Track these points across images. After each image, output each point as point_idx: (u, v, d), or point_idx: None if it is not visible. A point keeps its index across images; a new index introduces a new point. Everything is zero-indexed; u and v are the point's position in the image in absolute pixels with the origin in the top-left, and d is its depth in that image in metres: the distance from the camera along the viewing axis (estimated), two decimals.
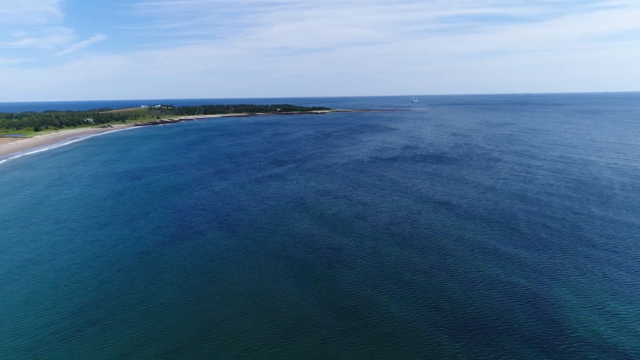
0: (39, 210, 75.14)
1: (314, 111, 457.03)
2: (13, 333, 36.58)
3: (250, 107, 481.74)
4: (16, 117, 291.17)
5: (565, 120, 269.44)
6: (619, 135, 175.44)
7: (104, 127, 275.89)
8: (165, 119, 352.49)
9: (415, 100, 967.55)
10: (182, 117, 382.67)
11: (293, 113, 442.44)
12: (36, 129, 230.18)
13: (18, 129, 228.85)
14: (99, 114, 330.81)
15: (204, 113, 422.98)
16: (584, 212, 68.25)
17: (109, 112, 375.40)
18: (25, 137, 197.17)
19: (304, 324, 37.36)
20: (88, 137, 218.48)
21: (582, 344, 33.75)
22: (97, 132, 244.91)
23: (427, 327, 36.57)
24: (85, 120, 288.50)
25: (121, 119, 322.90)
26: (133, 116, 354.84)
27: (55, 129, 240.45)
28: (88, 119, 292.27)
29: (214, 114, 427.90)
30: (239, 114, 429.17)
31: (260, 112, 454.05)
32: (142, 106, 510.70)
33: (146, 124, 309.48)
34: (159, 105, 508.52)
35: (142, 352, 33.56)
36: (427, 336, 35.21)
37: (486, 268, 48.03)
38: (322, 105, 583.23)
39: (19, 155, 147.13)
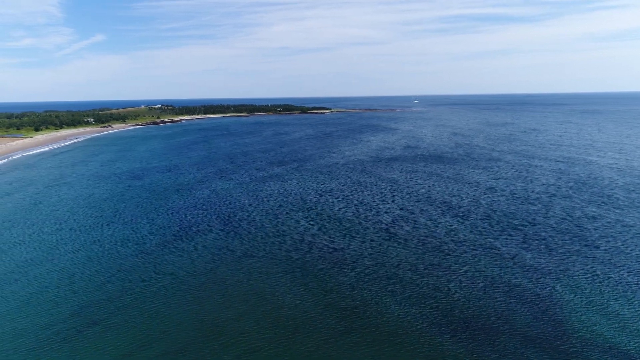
0: (39, 210, 75.11)
1: (315, 111, 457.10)
2: (14, 333, 36.55)
3: (250, 107, 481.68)
4: (16, 117, 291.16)
5: (565, 120, 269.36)
6: (620, 135, 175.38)
7: (104, 127, 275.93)
8: (166, 119, 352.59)
9: (415, 100, 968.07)
10: (183, 117, 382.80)
11: (293, 113, 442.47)
12: (36, 129, 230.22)
13: (18, 128, 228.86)
14: (99, 114, 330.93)
15: (204, 113, 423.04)
16: (585, 212, 68.20)
17: (109, 112, 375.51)
18: (25, 137, 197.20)
19: (306, 324, 37.32)
20: (88, 137, 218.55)
21: (584, 345, 33.71)
22: (98, 132, 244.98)
23: (429, 327, 36.53)
24: (85, 120, 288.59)
25: (121, 118, 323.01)
26: (133, 116, 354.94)
27: (56, 129, 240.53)
28: (88, 119, 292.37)
29: (214, 113, 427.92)
30: (239, 114, 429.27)
31: (260, 112, 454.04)
32: (142, 106, 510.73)
33: (146, 124, 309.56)
34: (159, 105, 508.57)
35: (144, 352, 33.53)
36: (428, 336, 35.17)
37: (487, 268, 47.98)
38: (322, 105, 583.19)
39: (19, 155, 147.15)
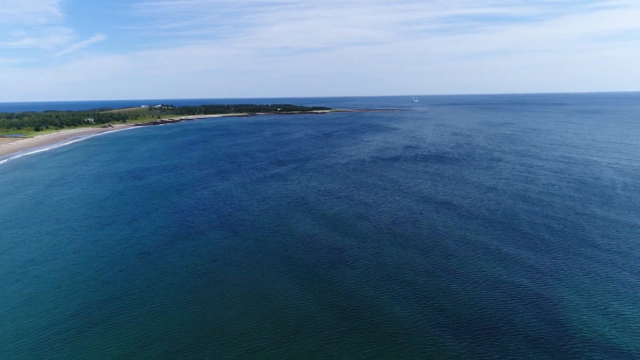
0: (40, 210, 75.07)
1: (315, 111, 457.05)
2: (15, 334, 36.51)
3: (250, 107, 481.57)
4: (17, 117, 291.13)
5: (566, 120, 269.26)
6: (621, 135, 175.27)
7: (105, 127, 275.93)
8: (166, 119, 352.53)
9: (415, 100, 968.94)
10: (183, 117, 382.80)
11: (293, 113, 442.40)
12: (37, 129, 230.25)
13: (19, 128, 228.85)
14: (100, 114, 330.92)
15: (205, 113, 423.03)
16: (586, 213, 68.13)
17: (110, 112, 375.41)
18: (26, 137, 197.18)
19: (307, 324, 37.27)
20: (89, 137, 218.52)
21: (586, 345, 33.66)
22: (98, 132, 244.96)
23: (431, 327, 36.48)
24: (85, 120, 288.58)
25: (122, 118, 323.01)
26: (133, 116, 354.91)
27: (56, 129, 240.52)
28: (88, 119, 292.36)
29: (215, 113, 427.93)
30: (239, 114, 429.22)
31: (260, 112, 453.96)
32: (142, 106, 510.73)
33: (147, 124, 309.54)
34: (160, 105, 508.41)
35: (145, 353, 33.49)
36: (430, 337, 35.12)
37: (489, 268, 47.93)
38: (322, 105, 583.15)
39: (19, 155, 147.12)
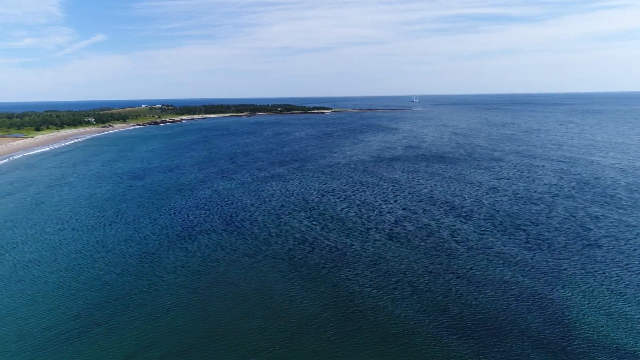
0: (41, 210, 74.99)
1: (315, 111, 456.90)
2: (18, 334, 36.43)
3: (251, 107, 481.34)
4: (17, 117, 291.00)
5: (566, 120, 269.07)
6: (622, 135, 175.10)
7: (105, 126, 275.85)
8: (166, 119, 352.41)
9: (415, 100, 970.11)
10: (183, 117, 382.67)
11: (294, 113, 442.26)
12: (37, 129, 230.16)
13: (19, 128, 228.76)
14: (100, 114, 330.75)
15: (205, 113, 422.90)
16: (588, 213, 68.01)
17: (110, 111, 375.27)
18: (26, 137, 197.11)
19: (310, 325, 37.17)
20: (89, 136, 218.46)
21: (590, 346, 33.55)
22: (99, 132, 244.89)
23: (434, 328, 36.37)
24: (86, 120, 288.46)
25: (122, 118, 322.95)
26: (134, 116, 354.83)
27: (57, 129, 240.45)
28: (89, 119, 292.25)
29: (215, 113, 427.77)
30: (239, 114, 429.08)
31: (261, 111, 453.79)
32: (142, 106, 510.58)
33: (147, 124, 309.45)
34: (160, 105, 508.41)
35: (148, 353, 33.40)
36: (433, 337, 35.01)
37: (491, 269, 47.82)
38: (322, 105, 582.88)
39: (20, 155, 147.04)
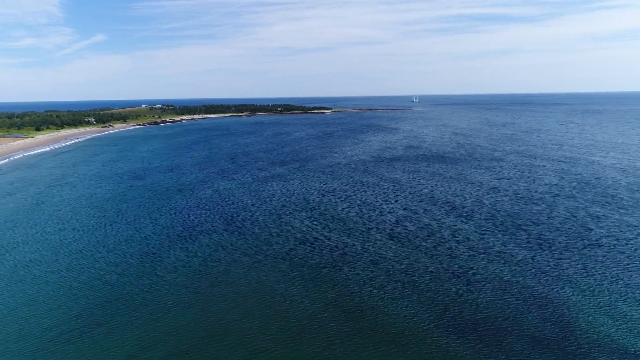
0: (41, 210, 74.92)
1: (315, 111, 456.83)
2: (19, 334, 36.36)
3: (251, 107, 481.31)
4: (17, 117, 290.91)
5: (567, 120, 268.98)
6: (622, 135, 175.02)
7: (105, 126, 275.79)
8: (167, 119, 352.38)
9: (416, 100, 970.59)
10: (183, 117, 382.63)
11: (294, 113, 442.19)
12: (37, 129, 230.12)
13: (19, 128, 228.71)
14: (100, 114, 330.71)
15: (205, 113, 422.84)
16: (589, 213, 67.94)
17: (110, 111, 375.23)
18: (26, 137, 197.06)
19: (311, 325, 37.11)
20: (90, 136, 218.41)
21: (592, 346, 33.49)
22: (99, 132, 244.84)
23: (435, 328, 36.31)
24: (86, 120, 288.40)
25: (122, 118, 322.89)
26: (134, 116, 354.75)
27: (57, 129, 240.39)
28: (89, 119, 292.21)
29: (215, 113, 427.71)
30: (240, 114, 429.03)
31: (261, 111, 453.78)
32: (143, 106, 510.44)
33: (147, 124, 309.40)
34: (160, 105, 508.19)
35: (149, 353, 33.33)
36: (435, 337, 34.95)
37: (493, 269, 47.75)
38: (323, 105, 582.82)
39: (20, 155, 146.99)
